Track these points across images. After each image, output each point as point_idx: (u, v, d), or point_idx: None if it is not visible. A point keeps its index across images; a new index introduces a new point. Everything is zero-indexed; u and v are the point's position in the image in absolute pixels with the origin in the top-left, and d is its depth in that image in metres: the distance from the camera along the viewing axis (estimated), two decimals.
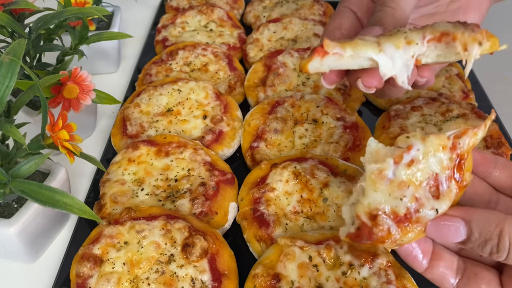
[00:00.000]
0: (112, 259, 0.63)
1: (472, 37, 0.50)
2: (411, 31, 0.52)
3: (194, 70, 1.02)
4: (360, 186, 0.53)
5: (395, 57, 0.52)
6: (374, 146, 0.53)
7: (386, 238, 0.50)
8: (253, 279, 0.62)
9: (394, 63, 0.52)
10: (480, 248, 0.50)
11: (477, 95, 1.00)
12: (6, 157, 0.64)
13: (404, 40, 0.51)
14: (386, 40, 0.52)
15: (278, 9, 1.23)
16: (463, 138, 0.51)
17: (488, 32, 0.51)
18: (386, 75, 0.53)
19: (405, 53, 0.52)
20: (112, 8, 1.11)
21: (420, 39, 0.51)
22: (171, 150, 0.80)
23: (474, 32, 0.50)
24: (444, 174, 0.50)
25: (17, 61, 0.57)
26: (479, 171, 0.58)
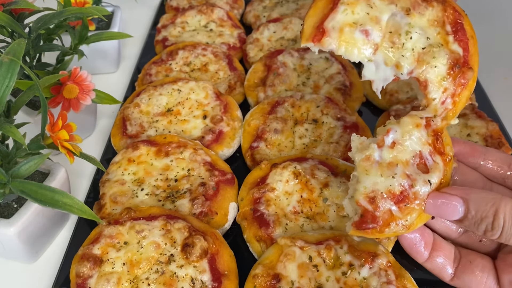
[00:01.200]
0: (112, 259, 0.63)
1: (435, 108, 0.56)
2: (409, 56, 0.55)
3: (194, 70, 1.02)
4: (353, 176, 0.57)
5: (380, 69, 0.57)
6: (357, 139, 0.58)
7: (390, 221, 0.53)
8: (253, 279, 0.62)
9: (377, 71, 0.57)
10: (475, 226, 0.52)
11: (477, 95, 1.00)
12: (6, 157, 0.64)
13: (395, 63, 0.56)
14: (382, 51, 0.56)
15: (278, 9, 1.23)
16: (435, 119, 0.56)
17: (454, 108, 0.56)
18: (366, 77, 0.57)
19: (390, 71, 0.57)
20: (112, 8, 1.11)
21: (407, 70, 0.56)
22: (171, 150, 0.80)
23: (444, 104, 0.55)
24: (426, 150, 0.55)
25: (17, 61, 0.57)
26: (469, 162, 0.61)
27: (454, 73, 0.55)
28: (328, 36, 0.55)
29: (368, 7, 0.56)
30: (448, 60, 0.55)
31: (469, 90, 0.56)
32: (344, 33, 0.55)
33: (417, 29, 0.56)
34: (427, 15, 0.56)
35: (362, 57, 0.56)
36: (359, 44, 0.55)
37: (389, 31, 0.56)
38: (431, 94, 0.55)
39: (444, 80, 0.55)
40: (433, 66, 0.55)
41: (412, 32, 0.55)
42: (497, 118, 0.96)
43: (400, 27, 0.56)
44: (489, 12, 1.37)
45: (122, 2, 1.19)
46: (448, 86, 0.55)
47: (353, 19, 0.55)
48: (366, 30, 0.55)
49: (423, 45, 0.55)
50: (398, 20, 0.56)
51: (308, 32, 0.57)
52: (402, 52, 0.55)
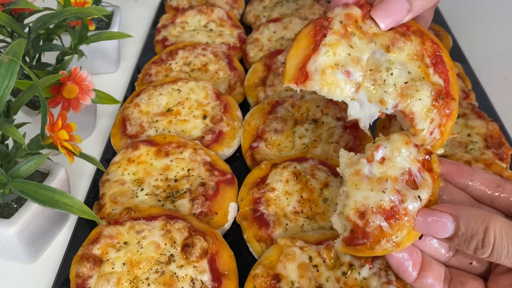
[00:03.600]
0: (111, 259, 0.63)
1: (423, 138, 0.56)
2: (391, 92, 0.55)
3: (194, 70, 1.02)
4: (343, 192, 0.57)
5: (365, 106, 0.57)
6: (346, 155, 0.58)
7: (381, 237, 0.52)
8: (253, 279, 0.62)
9: (362, 109, 0.57)
10: (466, 244, 0.51)
11: (478, 95, 1.00)
12: (6, 157, 0.64)
13: (379, 99, 0.56)
14: (364, 89, 0.56)
15: (278, 8, 1.23)
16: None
17: (442, 138, 0.56)
18: (352, 116, 0.58)
19: (375, 107, 0.57)
20: (112, 8, 1.11)
21: (392, 105, 0.56)
22: (171, 150, 0.80)
23: (432, 134, 0.56)
24: (415, 167, 0.55)
25: (17, 61, 0.57)
26: (456, 182, 0.60)
27: (438, 104, 0.55)
28: (311, 79, 0.56)
29: (349, 47, 0.56)
30: (431, 92, 0.55)
31: (453, 120, 0.57)
32: (326, 75, 0.55)
33: (397, 64, 0.56)
34: (406, 49, 0.56)
35: (344, 97, 0.56)
36: (341, 85, 0.56)
37: (370, 69, 0.56)
38: (419, 125, 0.55)
39: (429, 112, 0.55)
40: (418, 99, 0.54)
41: (392, 68, 0.56)
42: (497, 118, 0.96)
43: (381, 64, 0.56)
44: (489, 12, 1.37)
45: (122, 2, 1.18)
46: (434, 117, 0.55)
47: (335, 60, 0.56)
48: (347, 71, 0.56)
49: (405, 79, 0.55)
50: (378, 57, 0.56)
51: (290, 74, 0.57)
52: (384, 88, 0.56)
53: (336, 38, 0.56)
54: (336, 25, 0.57)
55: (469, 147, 0.82)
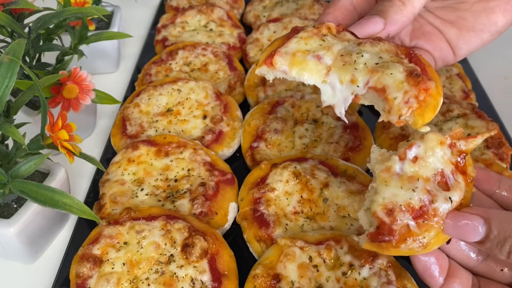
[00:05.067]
0: (111, 260, 0.63)
1: (398, 107, 0.52)
2: (361, 69, 0.54)
3: (194, 70, 1.02)
4: (371, 187, 0.55)
5: (337, 89, 0.56)
6: (378, 151, 0.56)
7: (407, 236, 0.50)
8: (253, 279, 0.62)
9: (335, 94, 0.56)
10: (498, 248, 0.49)
11: (478, 95, 1.00)
12: (6, 157, 0.64)
13: (349, 78, 0.54)
14: (334, 70, 0.55)
15: (278, 9, 1.23)
16: (460, 141, 0.54)
17: (420, 109, 0.52)
18: (325, 102, 0.57)
19: (346, 89, 0.55)
20: (112, 7, 1.11)
21: (363, 82, 0.54)
22: (171, 150, 0.80)
23: (408, 103, 0.52)
24: (448, 169, 0.53)
25: (17, 61, 0.57)
26: (483, 188, 0.58)
27: (413, 79, 0.52)
28: (279, 55, 0.55)
29: (321, 41, 0.56)
30: (404, 69, 0.52)
31: (435, 100, 0.53)
32: (296, 57, 0.55)
33: (369, 52, 0.55)
34: (379, 46, 0.56)
35: (315, 79, 0.56)
36: (310, 66, 0.55)
37: (341, 54, 0.55)
38: (391, 95, 0.52)
39: (402, 84, 0.52)
40: (389, 73, 0.52)
41: (363, 53, 0.54)
42: (497, 118, 0.96)
43: (352, 51, 0.55)
44: None
45: (122, 2, 1.19)
46: (409, 89, 0.52)
47: (306, 48, 0.56)
48: (318, 55, 0.55)
49: (376, 61, 0.54)
50: (349, 48, 0.56)
51: (261, 60, 0.57)
52: (355, 66, 0.54)
53: (308, 34, 0.57)
54: (310, 28, 0.58)
55: None
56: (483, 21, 0.66)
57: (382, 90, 0.52)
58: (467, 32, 0.67)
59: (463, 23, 0.67)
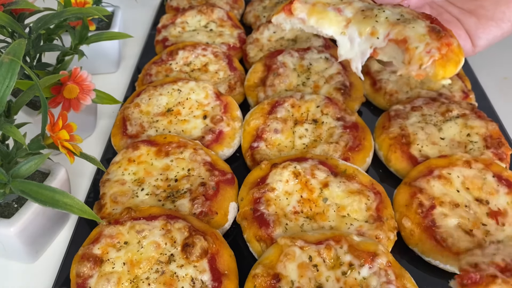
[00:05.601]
0: (112, 259, 0.63)
1: (419, 57, 0.50)
2: (383, 22, 0.52)
3: (194, 70, 1.02)
4: None
5: (355, 42, 0.54)
6: None
7: None
8: (253, 279, 0.62)
9: (353, 47, 0.54)
10: None
11: (477, 95, 1.00)
12: (6, 157, 0.64)
13: (370, 30, 0.53)
14: (354, 23, 0.53)
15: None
16: None
17: (442, 60, 0.50)
18: (342, 56, 0.55)
19: (365, 42, 0.54)
20: (112, 8, 1.11)
21: (383, 34, 0.52)
22: (171, 150, 0.80)
23: (430, 53, 0.49)
24: None
25: (17, 61, 0.57)
26: None
27: (435, 34, 0.50)
28: (299, 2, 0.54)
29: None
30: (426, 25, 0.51)
31: (457, 56, 0.51)
32: (316, 7, 0.54)
33: (391, 11, 0.53)
34: (401, 8, 0.54)
35: (333, 29, 0.54)
36: (330, 16, 0.54)
37: (362, 10, 0.54)
38: (413, 44, 0.50)
39: (424, 36, 0.50)
40: (411, 27, 0.51)
41: (385, 9, 0.53)
42: (496, 118, 0.96)
43: (374, 7, 0.54)
44: None
45: (122, 2, 1.19)
46: (431, 42, 0.50)
47: (326, 0, 0.55)
48: (338, 8, 0.54)
49: (398, 17, 0.52)
50: (371, 6, 0.54)
51: (280, 7, 0.56)
52: (376, 19, 0.52)
53: None
54: None
55: (468, 147, 0.82)
56: (503, 10, 0.64)
57: (403, 41, 0.51)
58: (486, 21, 0.66)
59: (482, 12, 0.66)
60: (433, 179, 0.75)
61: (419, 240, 0.70)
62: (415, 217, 0.72)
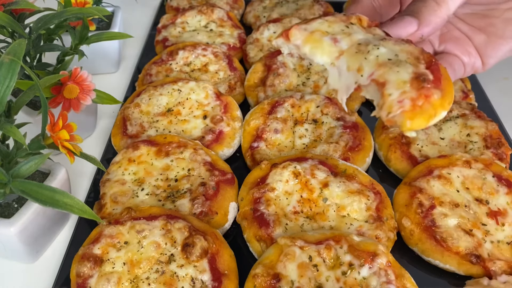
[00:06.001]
0: (112, 259, 0.63)
1: (389, 104, 0.50)
2: (371, 60, 0.53)
3: (194, 70, 1.02)
4: None
5: (342, 75, 0.55)
6: None
7: None
8: (253, 279, 0.62)
9: (340, 78, 0.55)
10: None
11: (477, 95, 1.00)
12: (6, 157, 0.64)
13: (357, 66, 0.53)
14: (346, 56, 0.54)
15: (278, 9, 1.23)
16: None
17: (411, 112, 0.50)
18: (330, 85, 0.56)
19: (351, 77, 0.54)
20: (112, 8, 1.11)
21: (368, 73, 0.52)
22: (171, 150, 0.80)
23: (401, 103, 0.50)
24: None
25: (17, 61, 0.58)
26: None
27: (417, 83, 0.50)
28: (297, 30, 0.55)
29: (345, 27, 0.55)
30: (413, 71, 0.50)
31: (433, 110, 0.50)
32: (314, 35, 0.55)
33: (387, 48, 0.53)
34: (403, 46, 0.54)
35: (325, 60, 0.55)
36: (324, 46, 0.54)
37: (358, 43, 0.54)
38: (389, 90, 0.50)
39: (404, 84, 0.50)
40: (396, 71, 0.51)
41: (380, 46, 0.52)
42: (496, 118, 0.96)
43: (370, 42, 0.54)
44: None
45: (123, 2, 1.19)
46: (408, 91, 0.50)
47: (327, 29, 0.55)
48: (335, 38, 0.54)
49: (390, 57, 0.52)
50: (369, 40, 0.54)
51: (280, 32, 0.57)
52: (365, 56, 0.53)
53: (335, 19, 0.56)
54: (340, 15, 0.56)
55: (468, 147, 0.82)
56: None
57: (382, 84, 0.51)
58: (496, 39, 0.66)
59: (492, 30, 0.66)
60: (433, 179, 0.75)
61: (419, 240, 0.70)
62: (415, 217, 0.72)
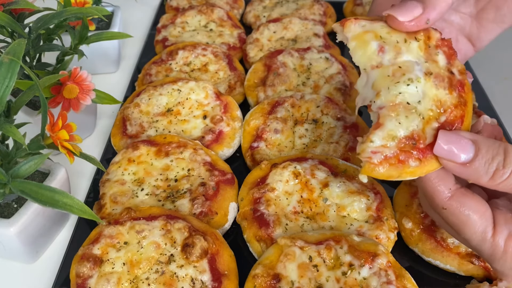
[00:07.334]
0: (112, 259, 0.63)
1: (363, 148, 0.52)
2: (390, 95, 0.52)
3: (194, 70, 1.02)
4: None
5: (367, 86, 0.54)
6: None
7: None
8: (253, 279, 0.62)
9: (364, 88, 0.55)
10: (485, 167, 0.50)
11: (477, 95, 1.00)
12: (6, 157, 0.64)
13: (379, 89, 0.53)
14: (379, 72, 0.53)
15: (278, 9, 1.23)
16: None
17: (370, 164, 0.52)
18: (357, 86, 0.56)
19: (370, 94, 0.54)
20: (112, 8, 1.11)
21: (380, 104, 0.52)
22: (171, 150, 0.80)
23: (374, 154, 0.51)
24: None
25: (17, 61, 0.57)
26: None
27: (405, 144, 0.51)
28: (353, 24, 0.54)
29: (403, 40, 0.54)
30: (413, 131, 0.51)
31: (400, 173, 0.51)
32: (365, 35, 0.54)
33: (420, 88, 0.52)
34: (440, 91, 0.52)
35: (362, 62, 0.54)
36: (368, 50, 0.54)
37: (399, 66, 0.53)
38: (375, 136, 0.51)
39: (393, 140, 0.51)
40: (397, 122, 0.51)
41: (412, 84, 0.52)
42: (497, 118, 0.96)
43: (410, 72, 0.52)
44: None
45: (122, 2, 1.19)
46: (391, 148, 0.51)
47: (383, 35, 0.54)
48: (383, 47, 0.53)
49: (410, 101, 0.51)
50: (414, 67, 0.52)
51: (343, 20, 0.56)
52: (392, 85, 0.52)
53: (399, 27, 0.54)
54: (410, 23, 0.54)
55: None
56: (504, 13, 0.65)
57: (378, 125, 0.52)
58: (487, 24, 0.67)
59: (484, 15, 0.67)
60: None
61: (419, 240, 0.70)
62: (415, 217, 0.72)
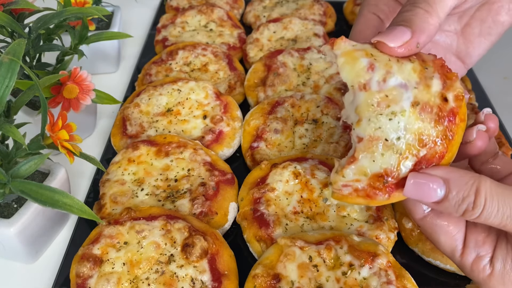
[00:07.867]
0: (112, 259, 0.63)
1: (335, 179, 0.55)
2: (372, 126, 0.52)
3: (194, 70, 1.02)
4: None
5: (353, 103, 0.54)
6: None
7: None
8: (253, 279, 0.62)
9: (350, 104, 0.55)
10: (455, 207, 0.50)
11: (477, 95, 1.00)
12: (6, 157, 0.64)
13: (361, 116, 0.52)
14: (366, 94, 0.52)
15: (278, 9, 1.23)
16: None
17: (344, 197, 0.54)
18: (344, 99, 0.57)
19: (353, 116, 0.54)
20: (112, 8, 1.11)
21: (359, 133, 0.53)
22: (171, 150, 0.80)
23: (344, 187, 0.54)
24: None
25: (17, 61, 0.57)
26: (478, 158, 0.59)
27: (377, 180, 0.51)
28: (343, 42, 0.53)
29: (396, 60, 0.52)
30: (385, 169, 0.51)
31: (367, 202, 0.53)
32: (355, 52, 0.53)
33: (403, 123, 0.51)
34: (425, 124, 0.51)
35: (350, 78, 0.53)
36: (356, 66, 0.52)
37: (386, 95, 0.51)
38: (347, 170, 0.52)
39: (365, 176, 0.51)
40: (372, 160, 0.51)
41: (396, 118, 0.50)
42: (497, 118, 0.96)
43: (397, 101, 0.51)
44: None
45: (122, 2, 1.19)
46: (361, 180, 0.52)
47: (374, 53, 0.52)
48: (373, 64, 0.51)
49: (390, 139, 0.51)
50: (402, 96, 0.51)
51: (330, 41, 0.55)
52: (371, 117, 0.51)
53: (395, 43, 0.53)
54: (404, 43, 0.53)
55: None
56: (489, 25, 0.65)
57: (353, 159, 0.53)
58: (475, 38, 0.66)
59: (469, 30, 0.66)
60: None
61: (419, 240, 0.70)
62: None
